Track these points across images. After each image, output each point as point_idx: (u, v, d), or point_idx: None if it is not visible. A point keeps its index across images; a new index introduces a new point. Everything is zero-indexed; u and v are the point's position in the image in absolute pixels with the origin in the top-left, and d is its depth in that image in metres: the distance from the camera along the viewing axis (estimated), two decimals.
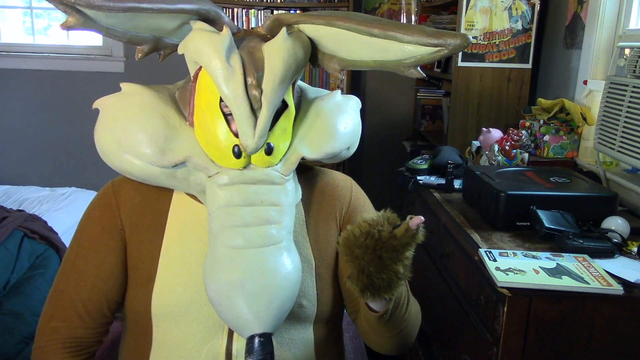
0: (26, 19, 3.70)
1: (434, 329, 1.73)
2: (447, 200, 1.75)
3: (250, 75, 0.88)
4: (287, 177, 0.95)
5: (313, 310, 1.01)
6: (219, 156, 0.92)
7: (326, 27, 0.93)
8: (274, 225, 0.91)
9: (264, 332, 0.86)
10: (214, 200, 0.91)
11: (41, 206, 2.82)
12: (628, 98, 1.66)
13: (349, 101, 1.04)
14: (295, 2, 3.29)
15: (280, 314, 0.89)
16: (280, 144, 0.94)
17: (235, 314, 0.86)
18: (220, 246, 0.89)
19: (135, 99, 0.93)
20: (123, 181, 1.01)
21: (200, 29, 0.90)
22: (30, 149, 3.66)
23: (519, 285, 1.15)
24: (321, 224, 1.05)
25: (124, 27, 0.89)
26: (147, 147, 0.90)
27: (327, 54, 0.99)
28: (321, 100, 1.01)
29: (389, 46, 0.90)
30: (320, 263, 1.03)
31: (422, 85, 3.38)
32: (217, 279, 0.88)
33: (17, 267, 2.15)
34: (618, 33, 2.04)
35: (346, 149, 1.02)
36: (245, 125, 0.88)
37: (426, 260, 1.80)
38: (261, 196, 0.91)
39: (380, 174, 3.55)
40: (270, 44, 0.91)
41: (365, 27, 0.90)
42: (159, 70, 2.69)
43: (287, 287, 0.89)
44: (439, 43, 0.87)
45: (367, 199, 1.13)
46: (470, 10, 2.42)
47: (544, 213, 1.39)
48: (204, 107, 0.91)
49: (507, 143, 1.95)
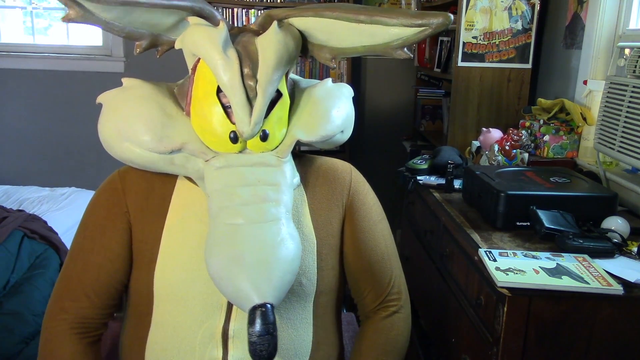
0: (26, 19, 3.69)
1: (434, 329, 1.73)
2: (447, 200, 1.75)
3: (246, 66, 0.93)
4: (284, 159, 0.99)
5: (312, 289, 1.03)
6: (215, 142, 0.96)
7: (315, 18, 0.99)
8: (271, 203, 0.93)
9: (264, 303, 0.86)
10: (212, 182, 0.95)
11: (41, 206, 2.82)
12: (628, 98, 1.66)
13: (341, 88, 1.09)
14: (295, 2, 3.28)
15: (281, 285, 0.89)
16: (276, 131, 0.98)
17: (235, 287, 0.87)
18: (220, 224, 0.91)
19: (134, 92, 0.98)
20: (129, 168, 1.05)
21: (197, 23, 0.96)
22: (30, 149, 3.66)
23: (519, 285, 1.15)
24: (323, 204, 1.08)
25: (121, 21, 0.93)
26: (145, 134, 0.94)
27: (317, 45, 1.04)
28: (313, 87, 1.06)
29: (375, 31, 0.96)
30: (322, 243, 1.06)
31: (422, 85, 3.37)
32: (218, 254, 0.89)
33: (17, 267, 2.15)
34: (618, 33, 2.04)
35: (340, 132, 1.05)
36: (242, 112, 0.93)
37: (426, 260, 1.80)
38: (258, 176, 0.95)
39: (380, 174, 3.54)
40: (263, 37, 0.96)
41: (353, 15, 0.96)
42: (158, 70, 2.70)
43: (287, 261, 0.90)
44: (422, 23, 0.93)
45: (366, 183, 1.17)
46: (470, 10, 2.42)
47: (544, 213, 1.39)
48: (201, 96, 0.96)
49: (507, 143, 1.95)
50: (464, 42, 2.45)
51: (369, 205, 1.13)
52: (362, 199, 1.12)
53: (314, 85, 1.07)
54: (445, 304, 1.58)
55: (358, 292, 1.14)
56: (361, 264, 1.11)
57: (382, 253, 1.13)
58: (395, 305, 1.13)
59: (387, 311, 1.13)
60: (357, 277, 1.12)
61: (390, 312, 1.12)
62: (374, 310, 1.13)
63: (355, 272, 1.12)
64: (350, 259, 1.11)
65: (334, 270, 1.08)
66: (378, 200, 1.17)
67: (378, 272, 1.12)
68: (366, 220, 1.12)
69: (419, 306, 1.84)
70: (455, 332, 1.48)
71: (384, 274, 1.13)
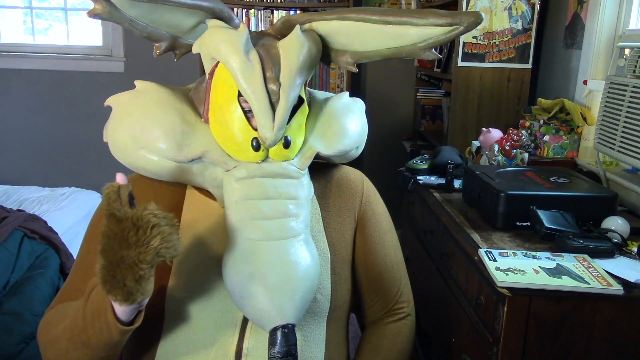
0: (26, 19, 3.70)
1: (434, 329, 1.73)
2: (447, 200, 1.75)
3: (268, 70, 0.90)
4: (303, 171, 0.97)
5: (327, 305, 1.01)
6: (237, 150, 0.92)
7: (338, 21, 0.96)
8: (292, 218, 0.91)
9: (287, 324, 0.86)
10: (232, 194, 0.91)
11: (41, 206, 2.82)
12: (628, 98, 1.66)
13: (356, 103, 1.08)
14: (295, 2, 3.28)
15: (302, 305, 0.89)
16: (296, 138, 0.95)
17: (257, 307, 0.86)
18: (240, 239, 0.89)
19: (151, 96, 0.94)
20: (136, 179, 1.01)
21: (216, 26, 0.92)
22: (30, 149, 3.66)
23: (519, 285, 1.15)
24: (336, 218, 1.07)
25: (145, 20, 0.90)
26: (164, 142, 0.90)
27: (339, 50, 1.01)
28: (331, 100, 1.04)
29: (403, 32, 0.93)
30: (336, 257, 1.04)
31: (422, 85, 3.38)
32: (238, 271, 0.87)
33: (17, 267, 2.15)
34: (618, 33, 2.04)
35: (355, 147, 1.05)
36: (265, 118, 0.89)
37: (426, 260, 1.80)
38: (279, 189, 0.92)
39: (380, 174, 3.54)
40: (286, 40, 0.93)
41: (379, 17, 0.93)
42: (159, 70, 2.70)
43: (308, 279, 0.89)
44: (453, 22, 0.90)
45: (377, 192, 1.16)
46: (470, 10, 2.41)
47: (544, 213, 1.39)
48: (222, 103, 0.92)
49: (507, 143, 1.95)
50: (464, 42, 2.45)
51: (379, 215, 1.12)
52: (373, 209, 1.11)
53: (331, 98, 1.05)
54: (445, 304, 1.58)
55: (366, 300, 1.12)
56: (371, 274, 1.10)
57: (391, 263, 1.12)
58: (403, 313, 1.13)
59: (394, 317, 1.12)
60: (366, 286, 1.11)
61: (397, 319, 1.12)
62: (380, 317, 1.13)
63: (364, 282, 1.11)
64: (361, 269, 1.10)
65: (347, 284, 1.07)
66: (387, 209, 1.15)
67: (387, 281, 1.11)
68: (377, 230, 1.10)
69: (419, 306, 1.83)
70: (455, 332, 1.48)
71: (393, 284, 1.12)
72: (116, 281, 0.77)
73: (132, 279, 0.76)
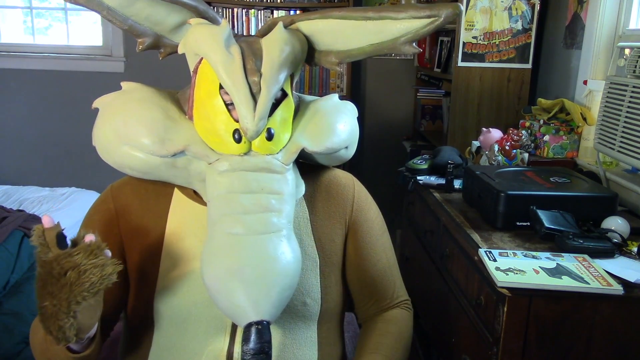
0: (26, 19, 3.69)
1: (433, 329, 1.73)
2: (447, 200, 1.75)
3: (250, 62, 0.91)
4: (288, 166, 0.96)
5: (317, 309, 1.01)
6: (219, 142, 0.92)
7: (322, 20, 0.98)
8: (274, 213, 0.90)
9: (261, 320, 0.84)
10: (214, 187, 0.91)
11: (41, 206, 2.82)
12: (628, 98, 1.66)
13: (346, 105, 1.08)
14: (295, 2, 3.28)
15: (279, 302, 0.87)
16: (280, 133, 0.95)
17: (232, 302, 0.85)
18: (219, 233, 0.88)
19: (135, 94, 0.95)
20: (123, 184, 1.02)
21: (199, 23, 0.94)
22: (30, 149, 3.66)
23: (519, 285, 1.15)
24: (326, 222, 1.06)
25: (124, 11, 0.91)
26: (147, 137, 0.90)
27: (323, 51, 1.03)
28: (319, 100, 1.05)
29: (383, 27, 0.95)
30: (325, 261, 1.04)
31: (422, 85, 3.38)
32: (215, 266, 0.86)
33: (17, 267, 2.15)
34: (618, 33, 2.04)
35: (345, 148, 1.04)
36: (245, 108, 0.89)
37: (426, 260, 1.80)
38: (261, 184, 0.92)
39: (380, 174, 3.54)
40: (268, 36, 0.95)
41: (360, 13, 0.95)
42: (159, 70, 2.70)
43: (287, 275, 0.88)
44: (432, 14, 0.92)
45: (368, 195, 1.15)
46: (470, 10, 2.42)
47: (544, 213, 1.39)
48: (204, 97, 0.93)
49: (507, 143, 1.95)
50: (464, 42, 2.45)
51: (371, 220, 1.12)
52: (365, 214, 1.11)
53: (320, 99, 1.06)
54: (445, 304, 1.58)
55: (360, 303, 1.13)
56: (364, 279, 1.10)
57: (384, 267, 1.12)
58: (403, 304, 1.14)
59: (393, 309, 1.13)
60: (360, 290, 1.11)
61: (398, 307, 1.13)
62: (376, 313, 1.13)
63: (358, 286, 1.11)
64: (353, 274, 1.10)
65: (338, 287, 1.06)
66: (379, 212, 1.15)
67: (381, 285, 1.11)
68: (370, 235, 1.10)
69: (419, 306, 1.84)
70: (455, 332, 1.48)
71: (387, 287, 1.12)
72: (46, 326, 0.78)
73: (55, 328, 0.77)
